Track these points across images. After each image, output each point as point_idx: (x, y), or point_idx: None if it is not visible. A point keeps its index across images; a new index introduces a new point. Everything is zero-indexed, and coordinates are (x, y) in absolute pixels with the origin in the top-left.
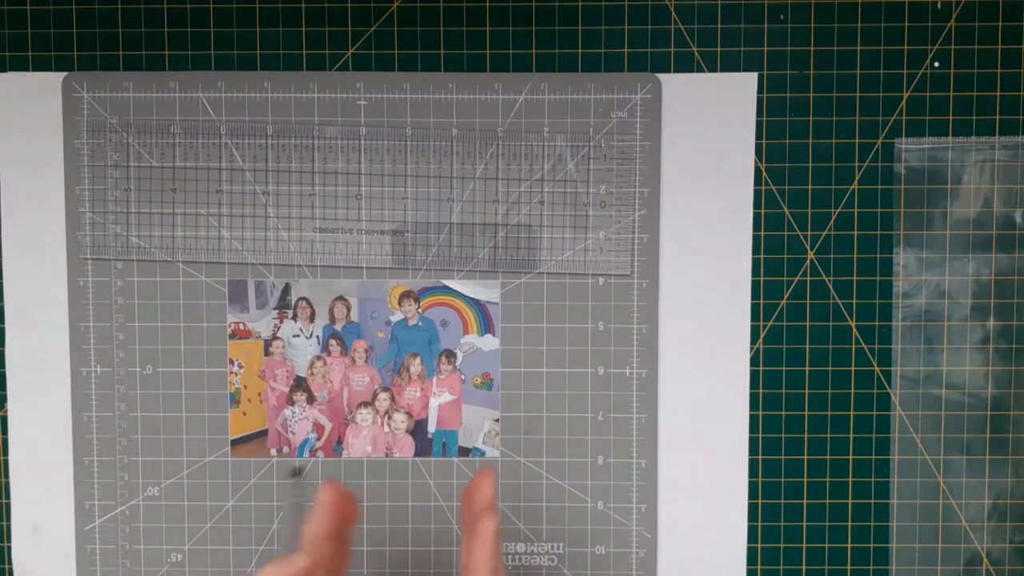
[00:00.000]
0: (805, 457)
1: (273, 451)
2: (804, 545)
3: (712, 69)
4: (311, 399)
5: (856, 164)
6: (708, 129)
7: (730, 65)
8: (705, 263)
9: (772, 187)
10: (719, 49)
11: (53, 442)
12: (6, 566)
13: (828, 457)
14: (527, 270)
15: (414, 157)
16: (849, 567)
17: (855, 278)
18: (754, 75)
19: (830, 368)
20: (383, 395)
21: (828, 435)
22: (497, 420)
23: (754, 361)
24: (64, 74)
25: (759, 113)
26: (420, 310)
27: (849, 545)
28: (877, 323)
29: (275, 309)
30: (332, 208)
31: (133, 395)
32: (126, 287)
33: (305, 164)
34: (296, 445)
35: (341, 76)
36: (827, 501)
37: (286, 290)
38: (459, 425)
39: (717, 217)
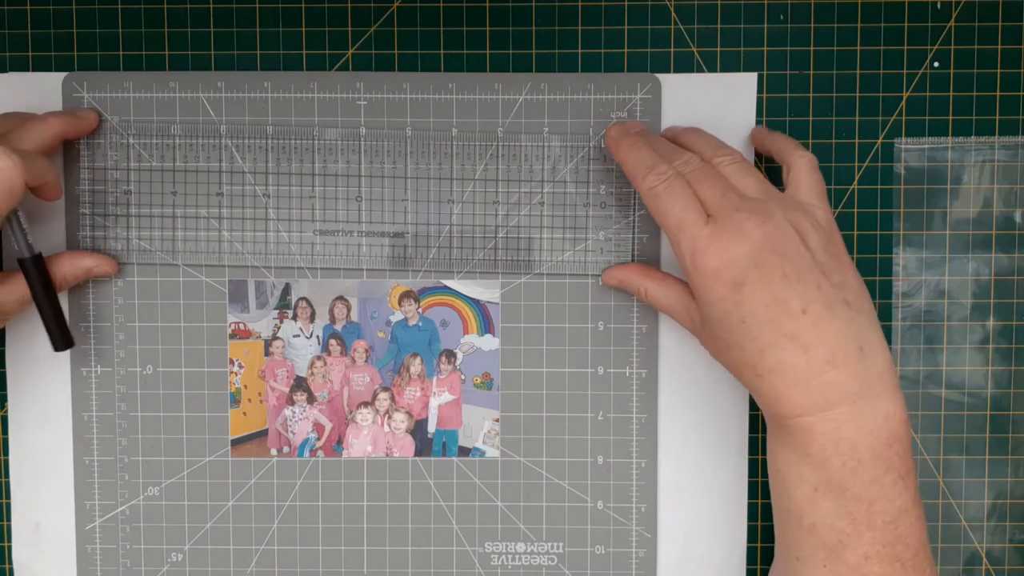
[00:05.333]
0: None
1: (273, 451)
2: None
3: (712, 69)
4: (311, 399)
5: (856, 164)
6: (708, 129)
7: (730, 65)
8: None
9: None
10: (719, 49)
11: (53, 442)
12: (6, 566)
13: None
14: (527, 271)
15: (414, 158)
16: None
17: None
18: (754, 75)
19: None
20: (383, 395)
21: None
22: (497, 420)
23: None
24: (64, 74)
25: (759, 113)
26: (420, 310)
27: None
28: None
29: (275, 309)
30: (332, 210)
31: (133, 395)
32: (126, 287)
33: (305, 166)
34: (296, 445)
35: (341, 76)
36: None
37: (286, 290)
38: (459, 425)
39: None
